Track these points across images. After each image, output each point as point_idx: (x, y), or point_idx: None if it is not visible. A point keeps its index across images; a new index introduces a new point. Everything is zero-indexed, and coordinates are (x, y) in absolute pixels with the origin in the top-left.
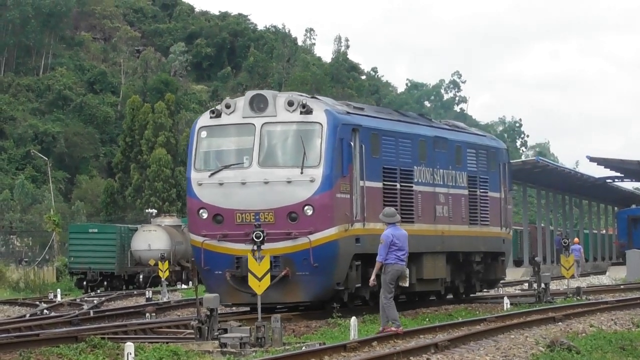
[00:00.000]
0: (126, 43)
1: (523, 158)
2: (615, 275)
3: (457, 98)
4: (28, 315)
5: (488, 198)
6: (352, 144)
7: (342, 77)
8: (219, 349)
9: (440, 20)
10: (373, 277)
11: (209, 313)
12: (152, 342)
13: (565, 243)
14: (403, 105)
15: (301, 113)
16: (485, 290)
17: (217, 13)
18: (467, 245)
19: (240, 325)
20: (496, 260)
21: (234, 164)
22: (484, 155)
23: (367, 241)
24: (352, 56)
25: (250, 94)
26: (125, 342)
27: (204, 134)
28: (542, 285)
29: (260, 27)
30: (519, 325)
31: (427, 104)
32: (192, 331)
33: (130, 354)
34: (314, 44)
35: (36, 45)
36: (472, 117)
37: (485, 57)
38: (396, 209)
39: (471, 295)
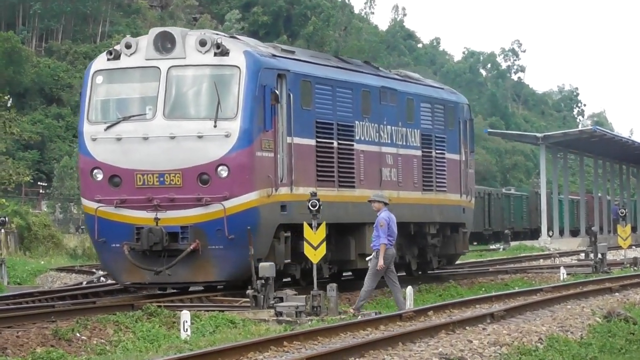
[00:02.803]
0: (183, 11)
1: (580, 127)
2: None
3: (514, 67)
4: (85, 282)
5: (445, 160)
6: (277, 92)
7: (399, 45)
8: (275, 318)
9: None
10: (381, 261)
11: (264, 282)
12: (208, 311)
13: (622, 213)
14: (461, 74)
15: (215, 55)
16: (444, 266)
17: None
18: (420, 214)
19: (295, 294)
20: (456, 232)
21: (134, 115)
22: (441, 110)
23: (296, 209)
24: (409, 24)
25: (154, 31)
26: (181, 310)
27: (99, 79)
28: (599, 256)
29: None
30: (575, 296)
31: (483, 72)
32: (247, 300)
33: (187, 322)
34: (373, 12)
35: (93, 12)
36: (530, 86)
37: (546, 25)
38: (332, 171)
39: (428, 272)
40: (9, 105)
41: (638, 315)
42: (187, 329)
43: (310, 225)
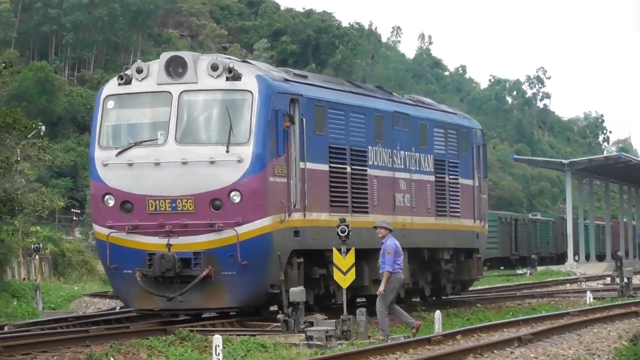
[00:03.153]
0: (213, 40)
1: (605, 154)
2: None
3: (540, 94)
4: (118, 307)
5: (459, 186)
6: (291, 114)
7: (426, 74)
8: (305, 342)
9: (525, 14)
10: (382, 287)
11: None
12: (239, 335)
13: None
14: (487, 101)
15: (227, 79)
16: (458, 292)
17: (302, 10)
18: (434, 240)
19: (326, 319)
20: (470, 258)
21: (146, 141)
22: (454, 135)
23: (309, 235)
24: (436, 52)
25: (166, 55)
26: (213, 335)
27: (110, 104)
28: (625, 280)
29: (344, 24)
30: (601, 320)
31: (509, 99)
32: (278, 324)
33: (219, 346)
34: (399, 41)
35: (124, 42)
36: (555, 113)
37: (571, 52)
38: (346, 197)
39: (442, 297)
40: (42, 133)
41: None
42: (219, 353)
43: (339, 250)
